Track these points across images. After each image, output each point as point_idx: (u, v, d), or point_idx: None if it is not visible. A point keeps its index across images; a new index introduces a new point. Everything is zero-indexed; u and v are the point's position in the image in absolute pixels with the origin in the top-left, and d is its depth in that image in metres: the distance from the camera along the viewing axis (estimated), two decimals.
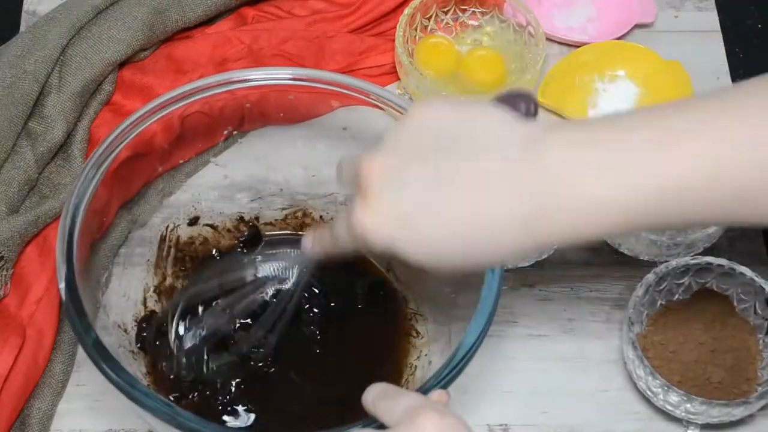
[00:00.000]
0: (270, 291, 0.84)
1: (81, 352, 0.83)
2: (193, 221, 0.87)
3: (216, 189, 0.88)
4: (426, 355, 0.81)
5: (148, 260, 0.85)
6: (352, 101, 0.81)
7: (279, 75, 0.81)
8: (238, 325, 0.81)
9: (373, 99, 0.80)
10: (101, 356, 0.67)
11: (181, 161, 0.88)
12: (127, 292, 0.82)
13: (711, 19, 1.04)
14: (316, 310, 0.83)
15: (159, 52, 0.97)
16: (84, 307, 0.69)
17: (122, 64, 0.95)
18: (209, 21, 0.99)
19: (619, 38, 1.01)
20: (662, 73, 0.98)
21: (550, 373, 0.84)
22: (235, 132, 0.89)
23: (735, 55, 1.02)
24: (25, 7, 1.04)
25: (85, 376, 0.83)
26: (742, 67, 1.01)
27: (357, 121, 0.86)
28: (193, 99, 0.79)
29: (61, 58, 0.91)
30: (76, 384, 0.83)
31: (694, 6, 1.05)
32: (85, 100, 0.92)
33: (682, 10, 1.05)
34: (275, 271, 0.86)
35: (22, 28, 1.02)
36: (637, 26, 1.02)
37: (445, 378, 0.67)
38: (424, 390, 0.66)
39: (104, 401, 0.82)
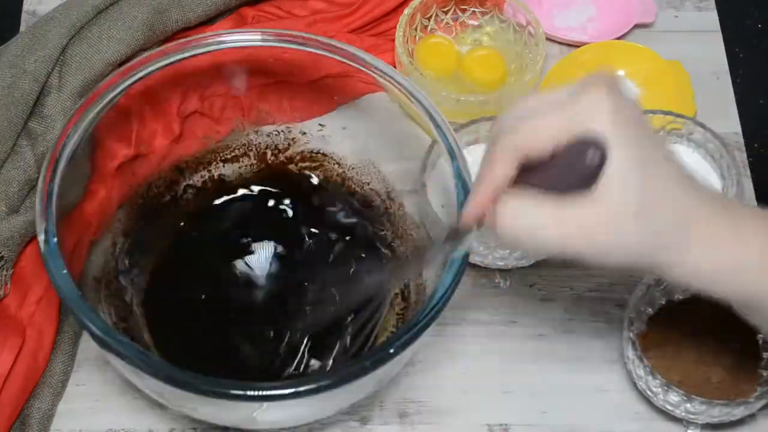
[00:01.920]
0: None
1: (81, 352, 0.83)
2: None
3: None
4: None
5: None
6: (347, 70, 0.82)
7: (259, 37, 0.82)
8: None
9: (359, 65, 0.80)
10: (82, 308, 0.67)
11: (180, 161, 0.88)
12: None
13: (711, 19, 1.04)
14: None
15: None
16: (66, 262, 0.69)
17: (122, 64, 0.95)
18: (209, 21, 0.99)
19: (619, 38, 1.01)
20: (662, 73, 0.98)
21: (550, 373, 0.84)
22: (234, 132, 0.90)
23: (735, 55, 1.02)
24: (25, 7, 1.04)
25: (85, 376, 0.83)
26: (742, 67, 1.01)
27: (357, 120, 0.86)
28: (196, 52, 0.82)
29: (61, 58, 0.91)
30: (76, 384, 0.82)
31: (694, 6, 1.05)
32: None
33: (682, 10, 1.05)
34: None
35: (22, 28, 1.01)
36: (637, 26, 1.02)
37: (420, 323, 0.68)
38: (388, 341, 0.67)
39: (104, 401, 0.81)
